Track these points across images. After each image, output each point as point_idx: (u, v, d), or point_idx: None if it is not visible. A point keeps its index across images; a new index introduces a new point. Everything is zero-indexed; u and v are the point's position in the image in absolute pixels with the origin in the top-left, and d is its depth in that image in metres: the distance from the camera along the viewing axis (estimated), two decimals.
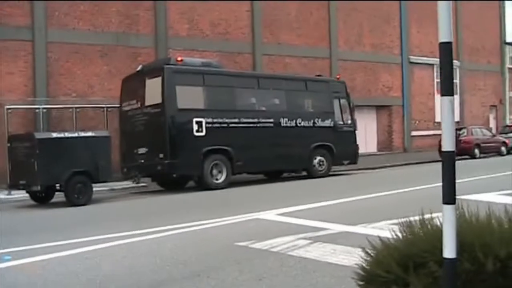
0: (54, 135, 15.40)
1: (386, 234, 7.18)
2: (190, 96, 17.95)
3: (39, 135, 15.24)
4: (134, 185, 19.46)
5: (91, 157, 15.45)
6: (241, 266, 6.56)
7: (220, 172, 18.06)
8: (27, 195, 16.24)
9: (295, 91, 20.90)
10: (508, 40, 43.55)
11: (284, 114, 19.91)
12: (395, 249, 3.64)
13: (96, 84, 23.05)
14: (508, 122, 41.66)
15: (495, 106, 42.34)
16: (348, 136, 21.87)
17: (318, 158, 20.75)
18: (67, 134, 15.53)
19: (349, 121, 22.09)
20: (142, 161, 17.79)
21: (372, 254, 3.81)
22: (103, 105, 20.57)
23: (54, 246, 8.39)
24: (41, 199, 16.03)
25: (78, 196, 15.11)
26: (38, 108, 20.08)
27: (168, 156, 17.06)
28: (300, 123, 20.24)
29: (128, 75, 19.40)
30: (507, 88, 43.26)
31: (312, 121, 20.63)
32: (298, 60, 29.14)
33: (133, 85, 18.72)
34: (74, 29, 22.73)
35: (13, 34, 21.39)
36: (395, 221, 8.44)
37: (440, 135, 3.26)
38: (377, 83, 33.83)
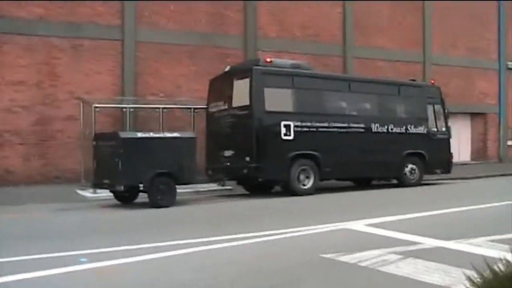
0: (139, 134, 15.10)
1: (485, 252, 6.63)
2: (278, 98, 17.34)
3: (124, 134, 14.97)
4: (219, 187, 19.11)
5: (175, 158, 15.06)
6: (326, 281, 6.07)
7: (307, 177, 17.39)
8: (110, 194, 16.06)
9: (388, 95, 20.03)
10: None
11: (375, 119, 19.07)
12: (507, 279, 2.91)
13: (184, 84, 22.85)
14: None
15: None
16: (442, 144, 20.80)
17: (410, 166, 19.80)
18: (152, 134, 15.21)
19: (443, 128, 21.02)
20: (228, 163, 17.34)
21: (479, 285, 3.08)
22: (190, 106, 20.25)
23: (133, 249, 8.06)
24: (125, 198, 15.77)
25: (161, 198, 14.73)
26: (125, 107, 19.95)
27: (255, 160, 16.53)
28: (392, 129, 19.35)
29: (216, 75, 18.98)
30: None
31: (404, 127, 19.70)
32: (390, 64, 28.16)
33: (220, 86, 18.33)
34: (163, 29, 22.59)
35: (103, 34, 21.47)
36: (494, 237, 7.83)
37: None
38: (472, 89, 32.39)
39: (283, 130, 16.92)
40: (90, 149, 16.20)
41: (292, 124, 17.06)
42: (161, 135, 15.35)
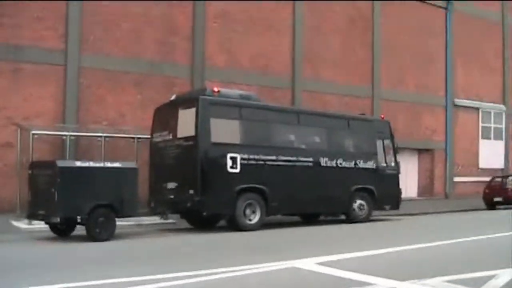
0: (78, 163, 14.28)
1: None
2: (225, 130, 16.78)
3: (61, 163, 14.08)
4: (162, 221, 18.39)
5: (116, 190, 14.32)
6: None
7: (253, 212, 16.79)
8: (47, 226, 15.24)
9: (337, 129, 19.65)
10: None
11: (324, 154, 18.66)
12: None
13: (128, 113, 22.14)
14: None
15: None
16: (391, 179, 20.53)
17: (359, 201, 19.42)
18: (91, 164, 14.41)
19: (393, 164, 20.78)
20: (171, 196, 16.60)
21: None
22: (133, 135, 19.52)
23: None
24: (62, 231, 14.91)
25: (100, 231, 13.94)
26: (66, 135, 19.08)
27: (199, 193, 15.84)
28: (341, 164, 18.96)
29: (161, 104, 18.30)
30: None
31: (353, 162, 19.35)
32: (339, 98, 28.02)
33: (165, 115, 17.65)
34: (109, 55, 21.90)
35: (46, 58, 20.63)
36: (449, 278, 7.42)
37: (484, 182, 2.53)
38: (420, 125, 32.49)
39: (229, 163, 16.33)
40: (27, 178, 15.34)
41: (238, 156, 16.50)
42: (101, 164, 14.56)
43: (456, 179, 34.19)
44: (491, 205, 27.95)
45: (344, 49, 29.02)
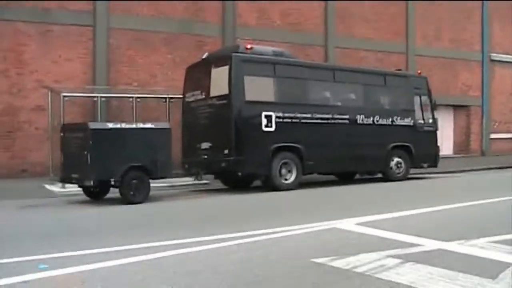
0: (110, 125, 14.00)
1: (489, 255, 5.80)
2: (259, 88, 16.34)
3: (93, 125, 13.82)
4: (195, 182, 18.13)
5: (149, 151, 14.03)
6: None
7: (289, 171, 16.44)
8: (80, 189, 15.07)
9: (373, 86, 19.07)
10: None
11: (360, 111, 18.17)
12: None
13: (159, 73, 21.79)
14: None
15: None
16: (429, 136, 19.99)
17: (396, 159, 18.96)
18: (124, 125, 14.09)
19: (430, 121, 20.19)
20: (205, 156, 16.31)
21: None
22: (165, 95, 19.17)
23: (99, 253, 7.09)
24: (95, 194, 14.73)
25: (134, 193, 13.71)
26: (97, 97, 18.82)
27: (234, 153, 15.50)
28: (377, 121, 18.47)
29: (193, 63, 17.89)
30: None
31: (390, 119, 18.84)
32: (373, 54, 27.36)
33: (197, 74, 17.25)
34: (138, 14, 21.47)
35: (73, 19, 20.32)
36: (496, 238, 7.46)
37: None
38: (456, 82, 31.70)
39: (264, 121, 15.94)
40: (59, 141, 15.16)
41: (273, 115, 16.09)
42: (133, 126, 14.25)
43: (493, 135, 33.46)
44: None
45: (377, 4, 28.22)
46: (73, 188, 15.61)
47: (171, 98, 19.06)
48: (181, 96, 18.07)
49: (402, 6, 29.30)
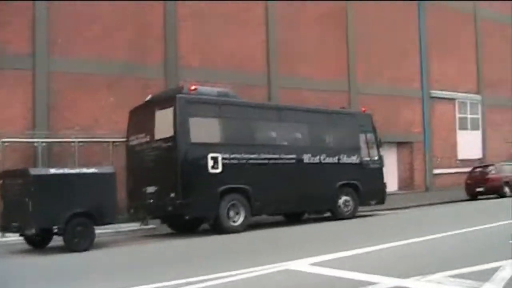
0: (52, 171, 13.61)
1: None
2: (204, 129, 16.17)
3: (34, 171, 13.43)
4: (142, 227, 17.72)
5: (94, 197, 13.65)
6: None
7: (237, 213, 16.22)
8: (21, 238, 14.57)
9: (319, 124, 19.13)
10: None
11: (307, 150, 18.14)
12: None
13: (102, 117, 21.29)
14: None
15: None
16: (376, 173, 20.08)
17: (344, 198, 18.93)
18: (66, 171, 13.73)
19: (376, 158, 20.28)
20: (151, 200, 15.92)
21: None
22: (108, 139, 18.78)
23: None
24: (37, 243, 14.21)
25: (79, 241, 13.29)
26: (38, 142, 18.27)
27: (180, 196, 15.18)
28: (324, 160, 18.45)
29: (136, 106, 17.57)
30: None
31: (337, 157, 18.85)
32: (316, 94, 27.39)
33: (141, 117, 16.96)
34: (79, 58, 21.06)
35: (13, 63, 19.71)
36: (451, 273, 7.41)
37: (463, 173, 2.22)
38: (398, 118, 32.04)
39: (210, 163, 15.73)
40: None
41: (220, 156, 15.90)
42: (77, 171, 13.88)
43: (436, 171, 33.84)
44: (473, 196, 27.73)
45: (318, 44, 28.42)
46: (14, 237, 15.08)
47: (115, 141, 18.69)
48: (125, 139, 17.71)
49: (343, 45, 29.61)
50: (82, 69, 20.95)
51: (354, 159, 19.35)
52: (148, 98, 17.09)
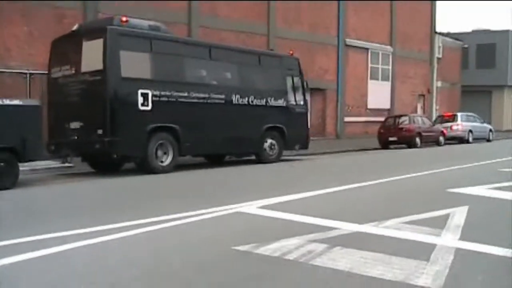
0: None
1: (410, 236, 6.26)
2: (135, 64, 15.29)
3: None
4: (59, 165, 16.82)
5: (18, 131, 12.66)
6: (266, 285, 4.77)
7: (165, 153, 15.60)
8: None
9: (248, 65, 18.62)
10: (439, 30, 43.22)
11: (236, 90, 17.65)
12: None
13: (15, 47, 19.94)
14: (434, 112, 41.11)
15: (423, 95, 41.61)
16: (301, 118, 19.91)
17: (270, 141, 18.65)
18: None
19: (302, 102, 20.07)
20: (75, 137, 14.99)
21: None
22: (25, 71, 17.58)
23: None
24: None
25: (2, 178, 12.33)
26: None
27: (109, 133, 14.39)
28: (252, 101, 18.05)
29: (60, 36, 16.40)
30: (435, 78, 42.63)
31: (264, 99, 18.48)
32: (236, 35, 26.89)
33: (66, 48, 15.83)
34: None
35: None
36: (405, 219, 7.29)
37: (372, 122, 2.08)
38: (313, 65, 31.99)
39: (140, 100, 14.96)
40: None
41: (150, 93, 15.15)
42: None
43: (346, 119, 34.28)
44: (385, 145, 28.23)
45: None
46: None
47: (32, 73, 17.52)
48: (44, 72, 16.63)
49: None
50: None
51: (280, 102, 19.05)
52: (74, 27, 15.93)
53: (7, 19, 19.80)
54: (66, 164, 17.05)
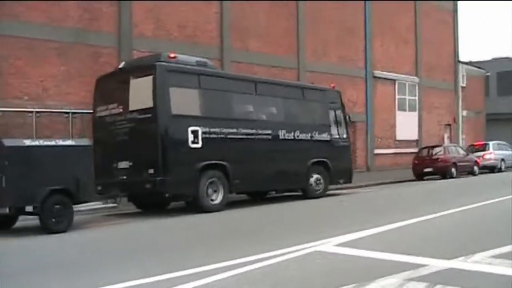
0: (27, 142, 12.16)
1: (504, 271, 6.00)
2: (184, 101, 14.98)
3: (8, 142, 11.85)
4: (102, 205, 16.41)
5: (71, 172, 12.29)
6: None
7: (215, 191, 15.18)
8: None
9: (293, 99, 18.33)
10: (461, 59, 42.91)
11: (282, 125, 17.34)
12: None
13: (52, 86, 19.61)
14: (461, 142, 40.58)
15: (449, 124, 41.10)
16: (344, 151, 19.56)
17: (315, 176, 18.24)
18: (42, 142, 12.32)
19: (345, 135, 19.71)
20: (124, 177, 14.62)
21: None
22: (68, 110, 17.29)
23: None
24: (3, 224, 12.71)
25: (57, 221, 11.92)
26: None
27: (160, 172, 13.97)
28: (298, 136, 17.70)
29: (105, 74, 16.12)
30: (460, 107, 42.20)
31: (310, 134, 18.14)
32: (267, 70, 26.50)
33: (112, 85, 15.56)
34: (27, 21, 19.26)
35: None
36: (491, 253, 7.01)
37: (400, 153, 1.85)
38: (343, 97, 31.56)
39: (191, 137, 14.59)
40: None
41: (200, 130, 14.80)
42: (52, 143, 12.46)
43: (376, 151, 33.79)
44: (419, 176, 27.76)
45: (270, 20, 27.51)
46: None
47: (75, 112, 17.22)
48: (84, 111, 16.34)
49: (293, 21, 28.85)
50: (30, 34, 19.18)
51: (325, 136, 18.70)
52: (121, 65, 15.73)
53: (44, 58, 19.53)
54: (109, 205, 16.61)
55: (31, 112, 16.72)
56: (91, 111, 16.39)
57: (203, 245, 9.46)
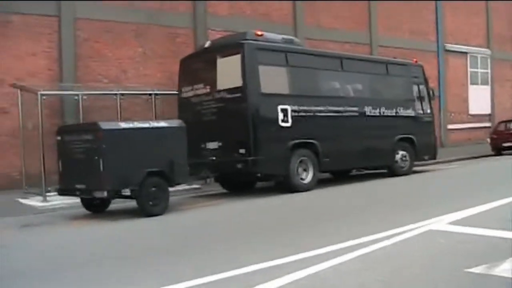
0: (123, 125, 12.03)
1: None
2: (273, 79, 14.60)
3: (105, 125, 11.66)
4: (186, 187, 16.23)
5: (166, 154, 12.12)
6: None
7: (305, 170, 14.85)
8: (67, 202, 13.39)
9: (378, 75, 17.83)
10: None
11: (368, 101, 16.87)
12: None
13: (130, 68, 19.58)
14: None
15: None
16: (428, 127, 18.98)
17: (401, 152, 17.77)
18: (137, 124, 12.15)
19: (428, 110, 19.12)
20: (214, 158, 14.44)
21: None
22: (151, 91, 17.19)
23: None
24: (96, 206, 12.70)
25: (154, 203, 11.80)
26: (77, 95, 16.48)
27: (252, 152, 13.72)
28: (384, 112, 17.21)
29: (190, 54, 15.93)
30: None
31: (395, 110, 17.63)
32: (340, 46, 26.00)
33: (198, 66, 15.36)
34: (105, 4, 19.18)
35: (36, 8, 17.75)
36: None
37: (473, 128, 1.54)
38: None
39: (281, 116, 14.29)
40: (36, 146, 13.67)
41: (289, 108, 14.48)
42: (147, 125, 12.27)
43: (450, 126, 32.97)
44: (498, 151, 26.84)
45: None
46: (57, 201, 13.68)
47: (157, 94, 17.12)
48: (165, 92, 16.20)
49: None
50: (108, 17, 19.13)
51: (409, 112, 18.18)
52: (206, 44, 15.45)
53: (122, 41, 19.47)
54: (194, 186, 16.45)
55: (115, 94, 16.52)
56: (172, 91, 16.23)
57: (310, 226, 9.17)
